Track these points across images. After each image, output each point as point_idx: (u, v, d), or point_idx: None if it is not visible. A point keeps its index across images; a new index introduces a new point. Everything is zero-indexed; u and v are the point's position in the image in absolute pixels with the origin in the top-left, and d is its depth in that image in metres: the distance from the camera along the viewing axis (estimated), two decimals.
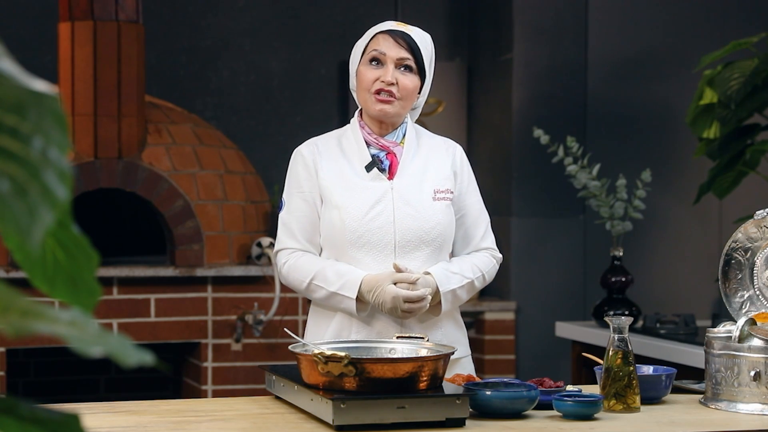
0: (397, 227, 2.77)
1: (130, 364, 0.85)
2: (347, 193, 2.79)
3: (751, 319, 2.58)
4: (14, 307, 0.86)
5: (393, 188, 2.81)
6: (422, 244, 2.78)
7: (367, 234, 2.76)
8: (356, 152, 2.84)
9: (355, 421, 2.23)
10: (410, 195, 2.81)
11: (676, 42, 5.53)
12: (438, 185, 2.84)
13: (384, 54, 2.80)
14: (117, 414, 2.45)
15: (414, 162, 2.86)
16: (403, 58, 2.80)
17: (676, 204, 5.51)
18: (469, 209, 2.92)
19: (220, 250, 4.78)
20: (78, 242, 0.92)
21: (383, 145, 2.85)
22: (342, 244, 2.77)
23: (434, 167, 2.87)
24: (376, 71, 2.80)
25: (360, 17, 5.63)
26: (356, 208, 2.77)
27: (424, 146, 2.90)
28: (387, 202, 2.79)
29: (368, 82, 2.81)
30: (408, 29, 2.86)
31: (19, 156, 0.82)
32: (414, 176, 2.83)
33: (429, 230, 2.79)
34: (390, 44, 2.81)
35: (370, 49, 2.82)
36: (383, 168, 2.83)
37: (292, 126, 5.58)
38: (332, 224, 2.78)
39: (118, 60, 4.66)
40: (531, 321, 5.48)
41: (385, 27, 2.86)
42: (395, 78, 2.79)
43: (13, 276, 4.39)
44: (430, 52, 2.88)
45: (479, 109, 5.81)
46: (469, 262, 2.87)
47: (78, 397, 4.76)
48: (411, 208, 2.79)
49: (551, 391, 2.50)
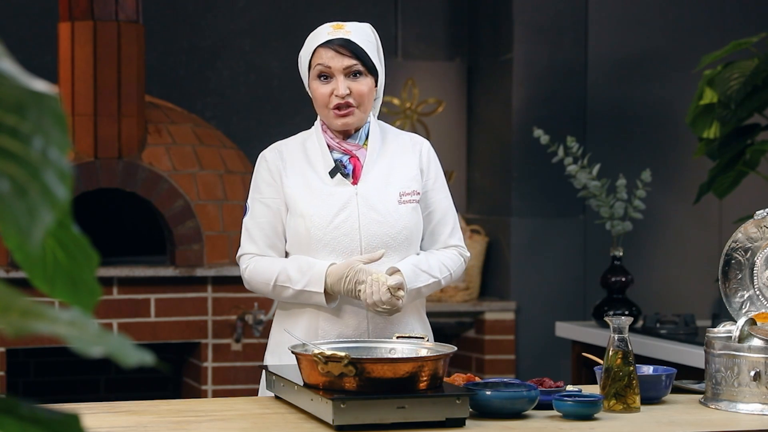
0: (362, 233, 2.74)
1: (130, 364, 0.85)
2: (311, 200, 2.76)
3: (751, 319, 2.58)
4: (14, 307, 0.86)
5: (357, 193, 2.77)
6: (389, 249, 2.75)
7: (332, 242, 2.73)
8: (320, 157, 2.81)
9: (355, 421, 2.23)
10: (375, 199, 2.77)
11: (676, 42, 5.53)
12: (403, 187, 2.80)
13: (329, 67, 2.76)
14: (117, 414, 2.45)
15: (378, 164, 2.81)
16: (349, 66, 2.76)
17: (676, 204, 5.51)
18: (436, 206, 2.86)
19: (220, 250, 4.78)
20: (78, 242, 0.92)
21: (346, 149, 2.81)
22: (308, 252, 2.75)
23: (400, 168, 2.82)
24: (327, 86, 2.77)
25: (360, 17, 5.60)
26: (321, 216, 2.74)
27: (389, 146, 2.85)
28: (352, 208, 2.76)
29: (324, 98, 2.78)
30: (345, 31, 2.80)
31: (19, 156, 0.82)
32: (378, 179, 2.79)
33: (395, 235, 2.76)
34: (332, 55, 2.76)
35: (315, 64, 2.78)
36: (347, 173, 2.79)
37: (292, 126, 5.55)
38: (297, 233, 2.76)
39: (118, 60, 4.65)
40: (531, 321, 5.48)
41: (323, 38, 2.79)
42: (347, 87, 2.75)
43: (13, 276, 4.39)
44: (375, 44, 2.83)
45: (479, 109, 5.81)
46: (438, 260, 2.82)
47: (78, 397, 4.76)
48: (376, 213, 2.76)
49: (551, 391, 2.50)
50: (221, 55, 5.57)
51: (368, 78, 2.78)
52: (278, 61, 5.63)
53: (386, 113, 5.71)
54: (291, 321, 2.81)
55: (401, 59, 5.80)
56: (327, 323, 2.76)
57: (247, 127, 5.58)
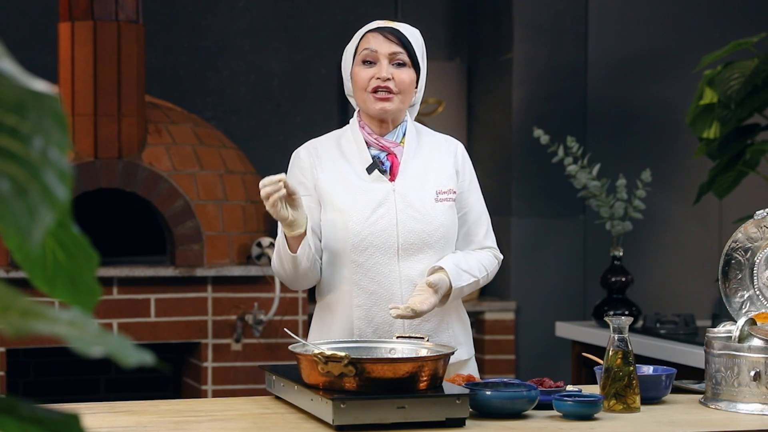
0: (400, 230, 2.75)
1: (130, 364, 0.85)
2: (349, 195, 2.76)
3: (751, 319, 2.58)
4: (14, 307, 0.86)
5: (395, 190, 2.78)
6: (425, 247, 2.76)
7: (370, 237, 2.73)
8: (356, 153, 2.81)
9: (355, 421, 2.23)
10: (412, 197, 2.78)
11: (676, 42, 5.53)
12: (440, 186, 2.82)
13: (376, 51, 2.79)
14: (117, 414, 2.45)
15: (415, 162, 2.83)
16: (395, 53, 2.79)
17: (676, 204, 5.51)
18: (471, 207, 2.89)
19: (220, 250, 4.78)
20: (78, 242, 0.92)
21: (383, 146, 2.82)
22: (344, 247, 2.74)
23: (436, 167, 2.84)
24: (370, 70, 2.79)
25: (360, 17, 5.63)
26: (359, 212, 2.74)
27: (425, 145, 2.87)
28: (389, 204, 2.76)
29: (364, 82, 2.79)
30: (396, 25, 2.85)
31: (19, 156, 0.82)
32: (416, 177, 2.81)
33: (432, 232, 2.77)
34: (380, 41, 2.79)
35: (361, 49, 2.81)
36: (384, 169, 2.80)
37: (292, 126, 5.58)
38: (334, 227, 2.75)
39: (118, 60, 4.65)
40: (531, 321, 5.48)
41: (374, 25, 2.85)
42: (390, 73, 2.77)
43: (13, 276, 4.39)
44: (421, 47, 2.86)
45: (479, 109, 5.81)
46: (477, 260, 2.84)
47: (78, 397, 4.76)
48: (414, 210, 2.77)
49: (551, 391, 2.50)
50: (221, 55, 5.57)
51: (411, 70, 2.80)
52: (278, 61, 5.63)
53: None
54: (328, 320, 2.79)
55: None
56: (361, 322, 2.75)
57: (247, 127, 5.58)
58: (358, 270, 2.74)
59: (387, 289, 2.74)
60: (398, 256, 2.74)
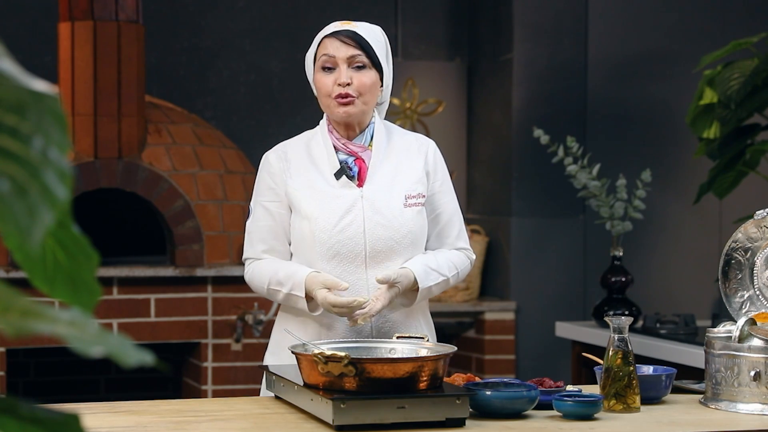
0: (367, 237, 2.72)
1: (130, 364, 0.85)
2: (316, 203, 2.74)
3: (751, 319, 2.58)
4: (14, 307, 0.86)
5: (363, 196, 2.74)
6: (393, 254, 2.73)
7: (337, 245, 2.71)
8: (325, 158, 2.79)
9: (355, 421, 2.23)
10: (381, 203, 2.74)
11: (676, 42, 5.53)
12: (409, 190, 2.78)
13: (334, 57, 2.76)
14: (117, 414, 2.45)
15: (384, 166, 2.79)
16: (353, 56, 2.76)
17: (676, 204, 5.51)
18: (443, 208, 2.85)
19: (220, 250, 4.78)
20: (78, 242, 0.92)
21: (351, 151, 2.79)
22: (311, 254, 2.73)
23: (405, 170, 2.80)
24: (331, 76, 2.76)
25: (360, 17, 5.61)
26: (326, 219, 2.72)
27: (394, 147, 2.83)
28: (357, 211, 2.73)
29: (326, 88, 2.76)
30: (354, 26, 2.82)
31: (19, 156, 0.82)
32: (384, 182, 2.77)
33: (400, 240, 2.74)
34: (337, 45, 2.77)
35: (320, 55, 2.78)
36: (352, 175, 2.77)
37: (292, 126, 5.57)
38: (302, 235, 2.74)
39: (118, 60, 4.66)
40: (531, 321, 5.48)
41: (330, 29, 2.81)
42: (350, 77, 2.74)
43: (13, 276, 4.39)
44: (383, 44, 2.83)
45: (479, 109, 5.81)
46: (447, 258, 2.81)
47: (78, 397, 4.76)
48: (381, 217, 2.73)
49: (551, 391, 2.50)
50: (221, 55, 5.57)
51: (372, 71, 2.77)
52: (278, 61, 5.63)
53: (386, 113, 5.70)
54: (293, 322, 2.80)
55: (401, 59, 5.80)
56: (331, 322, 2.74)
57: (247, 127, 5.58)
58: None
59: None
60: (366, 264, 2.72)
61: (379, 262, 2.73)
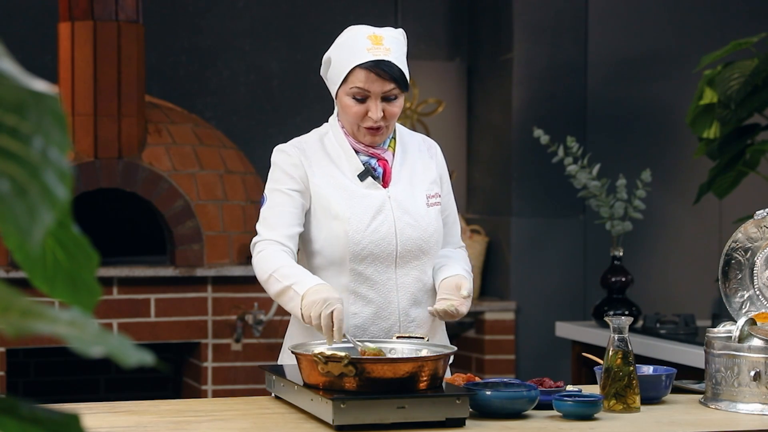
0: (399, 238, 2.70)
1: (130, 364, 0.85)
2: (346, 202, 2.69)
3: (751, 319, 2.58)
4: (14, 307, 0.86)
5: (390, 197, 2.73)
6: (421, 254, 2.73)
7: (370, 245, 2.68)
8: (344, 159, 2.74)
9: (355, 421, 2.23)
10: (407, 203, 2.74)
11: (676, 42, 5.53)
12: (428, 190, 2.78)
13: (368, 92, 2.66)
14: (117, 414, 2.45)
15: (404, 167, 2.78)
16: (388, 91, 2.67)
17: (676, 204, 5.51)
18: (450, 210, 2.89)
19: (220, 250, 4.78)
20: (78, 242, 0.92)
21: (373, 153, 2.75)
22: (343, 256, 2.68)
23: (422, 171, 2.80)
24: (362, 107, 2.68)
25: (360, 17, 5.63)
26: (358, 220, 2.68)
27: (408, 148, 2.82)
28: (387, 212, 2.71)
29: (355, 117, 2.69)
30: (384, 50, 2.67)
31: (19, 156, 0.82)
32: (407, 183, 2.76)
33: (427, 239, 2.74)
34: (373, 79, 2.65)
35: (352, 84, 2.67)
36: (377, 176, 2.74)
37: (292, 126, 5.57)
38: (333, 235, 2.68)
39: (118, 60, 4.66)
40: (531, 321, 5.48)
41: (361, 58, 2.66)
42: (382, 110, 2.67)
43: (13, 276, 4.39)
44: (405, 51, 2.75)
45: (479, 109, 5.81)
46: (465, 260, 2.85)
47: (78, 397, 4.76)
48: (410, 217, 2.73)
49: (551, 391, 2.50)
50: (221, 55, 5.57)
51: (402, 97, 2.71)
52: (278, 61, 5.63)
53: None
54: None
55: None
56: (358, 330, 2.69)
57: (247, 127, 5.58)
58: (357, 278, 2.69)
59: (384, 297, 2.70)
60: (396, 264, 2.71)
61: (408, 261, 2.72)
